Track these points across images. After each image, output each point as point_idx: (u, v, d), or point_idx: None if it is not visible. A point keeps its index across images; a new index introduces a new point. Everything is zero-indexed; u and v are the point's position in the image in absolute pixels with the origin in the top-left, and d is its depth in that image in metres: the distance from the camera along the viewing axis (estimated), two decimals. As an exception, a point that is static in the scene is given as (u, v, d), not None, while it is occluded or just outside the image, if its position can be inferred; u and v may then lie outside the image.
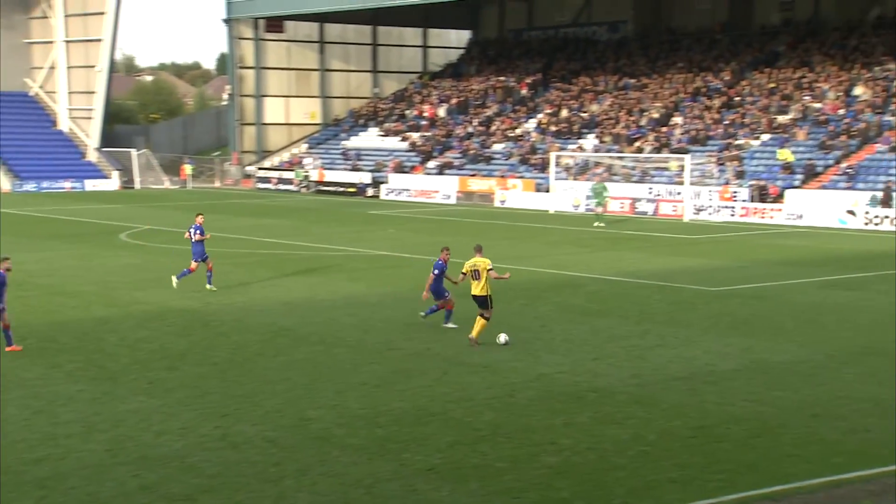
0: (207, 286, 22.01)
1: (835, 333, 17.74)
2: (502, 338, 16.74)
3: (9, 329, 16.09)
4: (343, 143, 64.95)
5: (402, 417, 12.75)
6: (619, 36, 63.42)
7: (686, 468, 10.78)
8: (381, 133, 63.73)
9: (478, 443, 11.71)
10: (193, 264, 22.11)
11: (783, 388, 13.94)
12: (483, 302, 16.76)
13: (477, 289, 16.80)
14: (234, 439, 11.82)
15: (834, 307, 20.23)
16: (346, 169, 60.03)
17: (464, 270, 17.09)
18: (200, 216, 22.58)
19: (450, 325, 18.02)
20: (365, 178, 57.70)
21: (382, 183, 56.71)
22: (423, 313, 18.51)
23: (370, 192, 56.37)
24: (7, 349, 15.98)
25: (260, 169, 64.31)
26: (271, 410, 13.03)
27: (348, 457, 11.20)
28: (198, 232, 22.06)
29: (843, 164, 42.05)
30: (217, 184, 66.61)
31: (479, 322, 16.66)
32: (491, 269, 16.77)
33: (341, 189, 57.86)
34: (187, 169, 66.27)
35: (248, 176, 65.33)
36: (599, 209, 40.53)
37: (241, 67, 67.10)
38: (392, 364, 15.62)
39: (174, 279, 22.34)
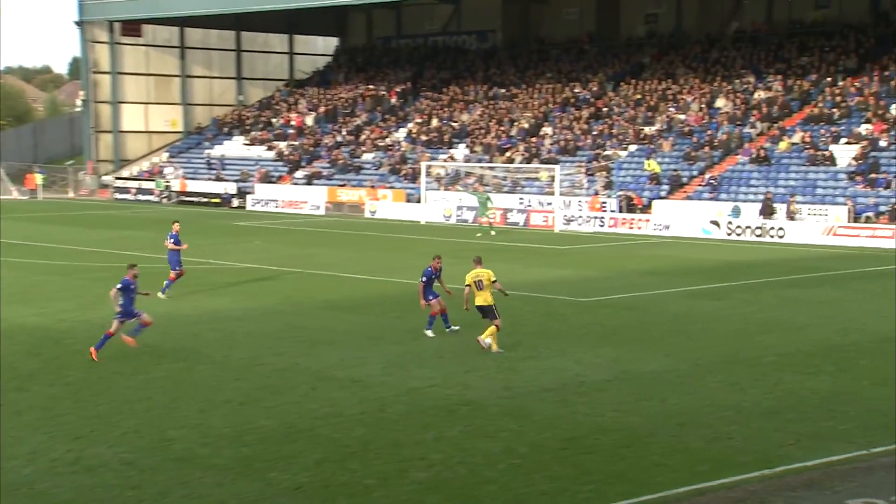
0: (160, 294, 22.46)
1: (700, 343, 18.41)
2: (486, 342, 17.18)
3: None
4: (206, 151, 63.66)
5: (268, 436, 12.54)
6: (489, 45, 64.44)
7: (557, 480, 10.97)
8: (247, 142, 62.76)
9: (347, 460, 11.63)
10: (172, 273, 22.85)
11: (651, 397, 14.37)
12: (488, 311, 17.44)
13: (480, 299, 17.53)
14: (89, 462, 11.37)
15: (699, 317, 21.00)
16: (209, 179, 58.86)
17: (468, 282, 17.67)
18: (177, 224, 23.53)
19: (429, 332, 18.37)
20: (230, 188, 56.70)
21: (248, 193, 55.82)
22: (448, 328, 18.49)
23: (235, 202, 55.42)
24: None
25: (118, 178, 62.37)
26: (129, 431, 12.61)
27: (212, 478, 10.94)
28: (172, 241, 23.03)
29: (707, 175, 43.85)
30: (71, 194, 64.15)
31: (491, 329, 17.25)
32: (495, 281, 17.58)
33: (205, 199, 56.69)
34: (37, 178, 63.57)
35: (104, 186, 63.23)
36: (484, 220, 40.98)
37: (96, 72, 64.98)
38: (258, 380, 15.36)
39: (160, 294, 22.59)
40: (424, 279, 18.58)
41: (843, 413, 13.37)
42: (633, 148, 48.23)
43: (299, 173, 56.63)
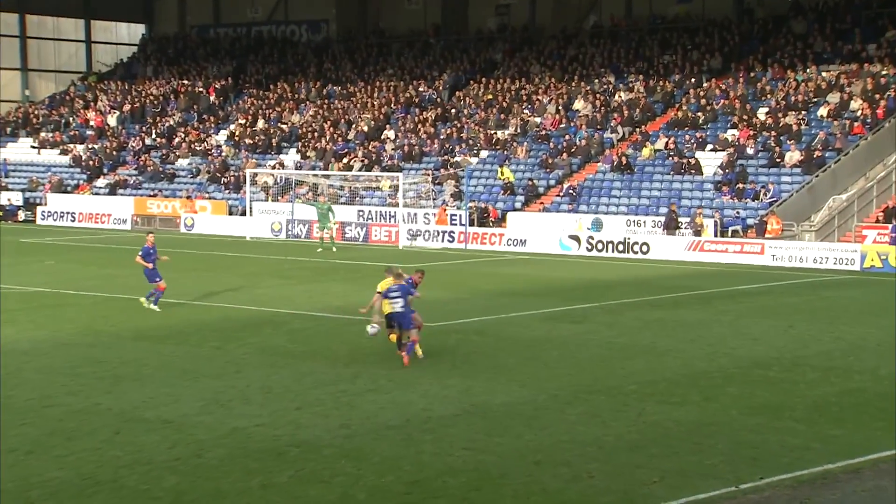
0: (143, 300, 24.83)
1: (558, 371, 18.88)
2: (374, 329, 19.09)
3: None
4: (-14, 155, 61.01)
5: (60, 489, 12.11)
6: (321, 37, 64.50)
7: (401, 528, 11.03)
8: (35, 144, 60.52)
9: (158, 516, 11.36)
10: (162, 284, 24.69)
11: (504, 433, 14.63)
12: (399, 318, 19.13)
13: (391, 307, 19.20)
14: None
15: (557, 342, 21.54)
16: (-11, 187, 56.41)
17: (379, 290, 19.27)
18: (151, 235, 25.38)
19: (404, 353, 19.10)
20: (15, 198, 54.50)
21: (38, 205, 53.81)
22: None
23: (22, 215, 53.34)
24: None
25: None
26: None
27: (-8, 545, 10.47)
28: (140, 255, 24.95)
29: (566, 185, 45.10)
30: None
31: (415, 337, 19.01)
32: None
33: (-16, 212, 54.29)
34: None
35: None
36: (325, 233, 40.73)
37: None
38: (50, 424, 14.82)
39: (152, 307, 24.53)
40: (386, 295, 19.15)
41: (710, 446, 13.95)
42: (484, 154, 49.13)
43: (101, 181, 55.01)
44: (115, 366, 18.68)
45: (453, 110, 52.81)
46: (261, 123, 56.55)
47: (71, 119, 62.21)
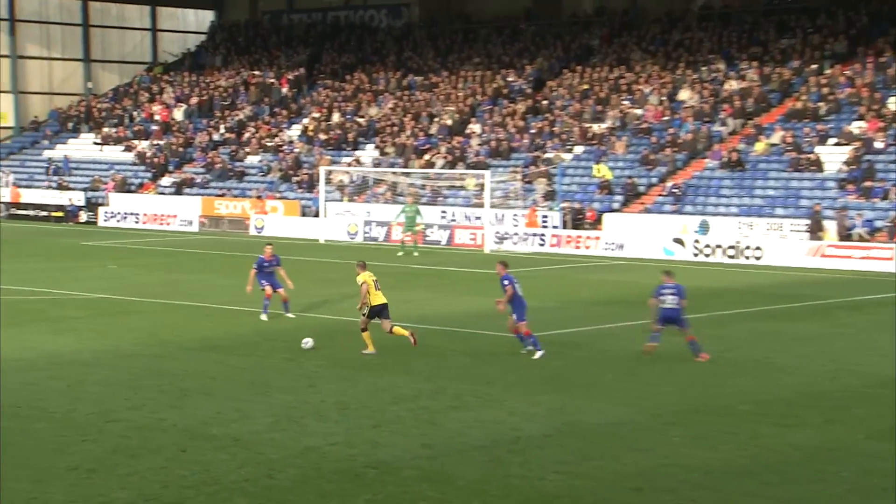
0: (289, 314, 25.29)
1: (660, 388, 18.73)
2: (308, 342, 20.89)
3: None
4: (45, 152, 62.64)
5: (125, 512, 12.36)
6: (402, 23, 64.88)
7: (487, 558, 11.04)
8: (98, 141, 61.97)
9: (226, 540, 11.54)
10: (268, 289, 24.94)
11: (601, 455, 14.55)
12: (384, 310, 21.26)
13: (378, 299, 21.22)
14: None
15: (659, 356, 21.35)
16: (49, 186, 57.96)
17: (365, 281, 21.24)
18: (269, 247, 25.58)
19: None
20: (76, 198, 55.88)
21: (100, 205, 55.08)
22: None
23: (84, 216, 54.66)
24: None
25: (-71, 186, 60.90)
26: (-56, 511, 12.32)
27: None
28: (254, 267, 25.25)
29: (669, 183, 44.68)
30: None
31: (401, 331, 21.16)
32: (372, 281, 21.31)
33: (44, 213, 55.80)
34: None
35: (-89, 196, 61.64)
36: (408, 237, 40.97)
37: None
38: (112, 441, 15.14)
39: (288, 315, 25.20)
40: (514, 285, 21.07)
41: (834, 474, 13.71)
42: (579, 150, 48.91)
43: (166, 180, 56.08)
44: (181, 378, 19.03)
45: (545, 102, 52.70)
46: (336, 117, 57.11)
47: (135, 113, 63.55)
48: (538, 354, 20.87)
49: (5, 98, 66.90)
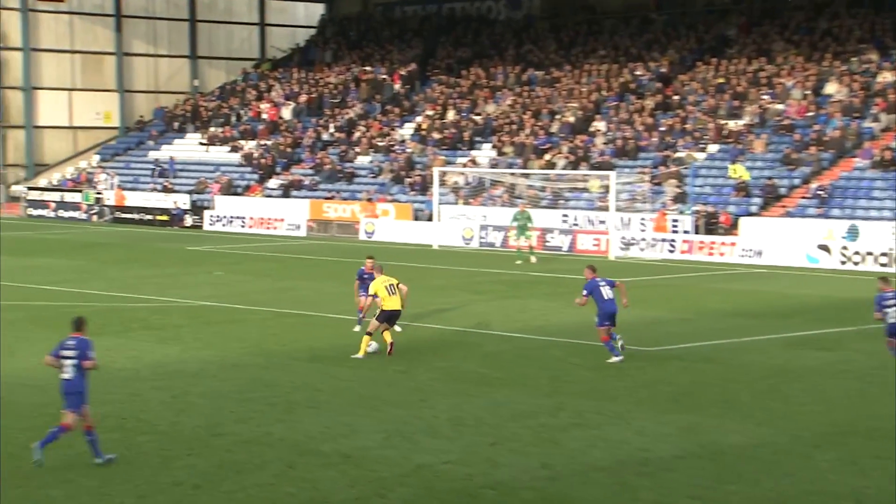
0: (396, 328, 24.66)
1: (803, 407, 18.36)
2: (373, 346, 21.68)
3: None
4: (150, 153, 64.15)
5: (230, 530, 12.55)
6: (522, 14, 64.87)
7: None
8: (204, 141, 63.25)
9: (335, 562, 11.63)
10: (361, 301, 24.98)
11: (738, 480, 14.31)
12: (397, 316, 22.41)
13: (394, 303, 22.14)
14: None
15: (801, 372, 20.94)
16: (154, 189, 59.30)
17: (375, 292, 22.33)
18: (370, 260, 25.13)
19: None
20: (181, 201, 57.08)
21: (206, 208, 56.16)
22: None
23: (189, 220, 55.78)
24: None
25: (31, 189, 62.96)
26: (46, 525, 12.66)
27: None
28: (357, 280, 25.25)
29: (814, 185, 43.82)
30: (-29, 209, 64.63)
31: (388, 334, 22.40)
32: (401, 284, 22.51)
33: (148, 217, 57.11)
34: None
35: (14, 199, 63.77)
36: (523, 242, 40.86)
37: (3, 48, 65.66)
38: (218, 455, 15.39)
39: (396, 329, 24.65)
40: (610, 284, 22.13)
41: None
42: (713, 148, 48.30)
43: (273, 182, 56.96)
44: (288, 391, 19.27)
45: (676, 97, 52.17)
46: (451, 115, 57.34)
47: (242, 112, 64.69)
48: (614, 359, 21.67)
49: (110, 97, 68.71)
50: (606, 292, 21.92)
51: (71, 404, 14.78)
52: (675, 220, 43.68)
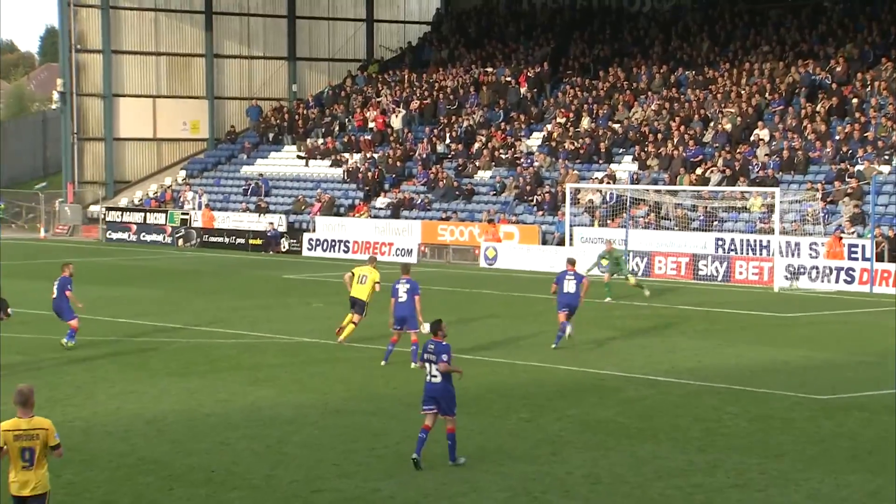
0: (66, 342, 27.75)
1: None
2: (427, 327, 22.08)
3: None
4: (243, 168, 65.17)
5: None
6: (670, 5, 64.47)
7: None
8: (303, 154, 64.05)
9: None
10: (74, 322, 27.77)
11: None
12: (358, 304, 27.92)
13: (356, 291, 27.96)
14: None
15: None
16: (246, 209, 60.17)
17: (351, 273, 28.32)
18: (69, 266, 28.11)
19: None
20: (277, 222, 57.79)
21: (304, 231, 56.77)
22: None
23: (285, 244, 56.46)
24: None
25: (110, 210, 64.31)
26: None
27: None
28: (57, 287, 27.73)
29: None
30: (42, 233, 66.35)
31: (351, 327, 28.03)
32: (378, 283, 27.98)
33: (240, 240, 57.95)
34: (-9, 209, 66.14)
35: (91, 220, 65.22)
36: (631, 278, 39.56)
37: (81, 51, 67.29)
38: (317, 516, 15.50)
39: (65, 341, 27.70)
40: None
41: None
42: (898, 161, 47.47)
43: (381, 201, 57.41)
44: (398, 441, 19.33)
45: (855, 100, 51.35)
46: (586, 122, 57.24)
47: (346, 121, 65.39)
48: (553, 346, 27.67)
49: (199, 105, 69.70)
50: (569, 285, 27.89)
51: None
52: (854, 245, 42.96)
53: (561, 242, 48.65)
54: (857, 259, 42.59)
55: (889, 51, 53.67)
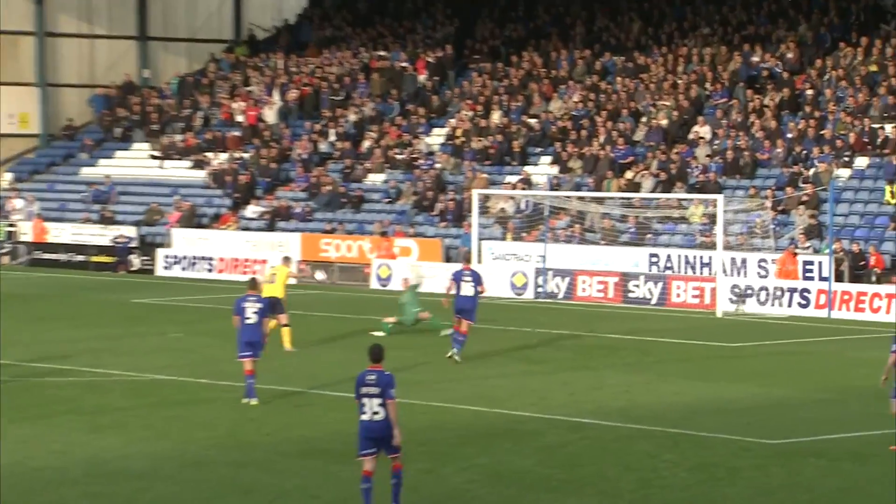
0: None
1: None
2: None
3: None
4: (83, 170, 64.42)
5: None
6: (596, -22, 64.80)
7: None
8: (157, 153, 63.46)
9: None
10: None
11: None
12: (276, 305, 31.65)
13: (271, 291, 31.79)
14: None
15: None
16: (88, 220, 59.48)
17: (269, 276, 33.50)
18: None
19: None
20: (126, 235, 57.20)
21: (159, 246, 56.26)
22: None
23: (136, 262, 55.90)
24: None
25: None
26: None
27: None
28: None
29: None
30: None
31: (287, 333, 32.63)
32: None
33: (79, 257, 57.27)
34: None
35: None
36: (423, 314, 37.51)
37: None
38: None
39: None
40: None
41: None
42: (861, 162, 48.09)
43: (252, 209, 57.06)
44: (273, 498, 19.20)
45: (810, 91, 51.91)
46: (496, 117, 57.37)
47: (210, 114, 64.90)
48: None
49: (28, 93, 68.56)
50: (466, 287, 29.99)
51: None
52: (809, 263, 43.39)
53: (467, 259, 48.47)
54: (812, 279, 43.00)
55: (849, 33, 54.28)
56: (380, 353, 17.81)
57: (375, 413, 17.62)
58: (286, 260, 36.18)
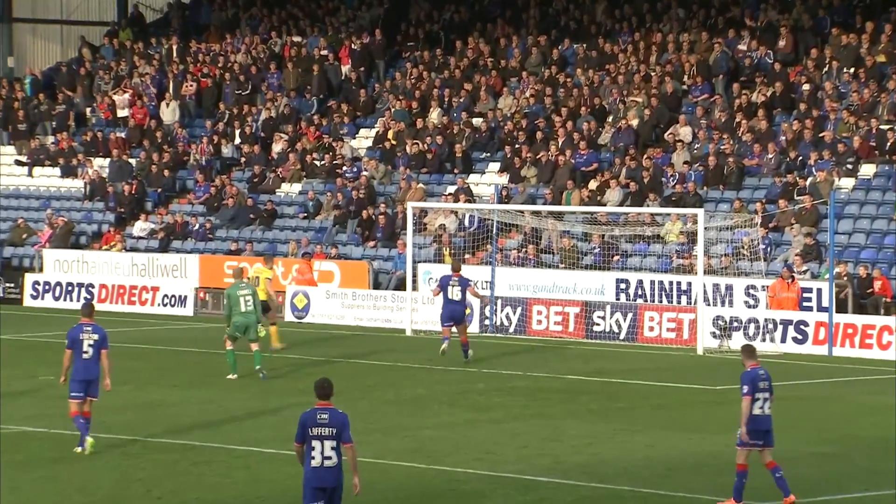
0: None
1: None
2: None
3: None
4: (-64, 178, 63.95)
5: None
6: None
7: None
8: (24, 158, 63.14)
9: None
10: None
11: None
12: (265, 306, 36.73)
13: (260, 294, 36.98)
14: None
15: None
16: (-58, 238, 59.11)
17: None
18: None
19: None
20: (-14, 257, 56.96)
21: (27, 270, 56.02)
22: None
23: (-2, 290, 55.67)
24: None
25: None
26: None
27: None
28: None
29: None
30: None
31: (275, 332, 36.33)
32: (270, 279, 39.48)
33: (-69, 284, 56.93)
34: None
35: None
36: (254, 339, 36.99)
37: None
38: None
39: None
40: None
41: None
42: (867, 170, 48.42)
43: (140, 226, 56.85)
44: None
45: (806, 86, 52.22)
46: (435, 116, 57.42)
47: (88, 110, 64.64)
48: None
49: None
50: (454, 292, 33.74)
51: None
52: (807, 290, 43.60)
53: (401, 285, 48.61)
54: (810, 309, 43.17)
55: (852, 17, 54.55)
56: (329, 389, 18.04)
57: (328, 458, 17.84)
58: (267, 259, 42.70)
